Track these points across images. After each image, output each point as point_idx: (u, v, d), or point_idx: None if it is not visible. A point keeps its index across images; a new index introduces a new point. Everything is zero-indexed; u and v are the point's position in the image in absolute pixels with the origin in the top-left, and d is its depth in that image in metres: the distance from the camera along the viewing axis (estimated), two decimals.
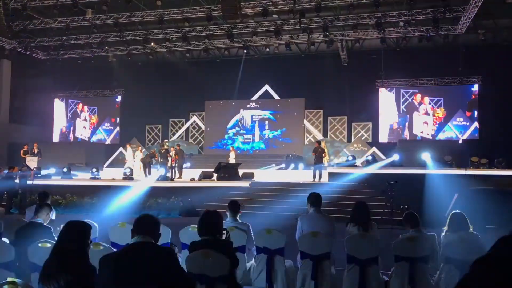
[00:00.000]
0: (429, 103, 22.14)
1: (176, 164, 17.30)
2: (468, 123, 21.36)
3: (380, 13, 17.87)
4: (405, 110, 22.56)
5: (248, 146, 24.61)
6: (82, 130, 26.99)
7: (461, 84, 21.51)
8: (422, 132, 22.16)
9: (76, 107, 27.22)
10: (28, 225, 4.75)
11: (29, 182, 14.12)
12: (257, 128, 24.63)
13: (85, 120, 27.05)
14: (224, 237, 3.94)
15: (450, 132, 21.52)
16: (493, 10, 17.40)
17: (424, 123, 22.16)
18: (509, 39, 19.51)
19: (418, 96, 22.39)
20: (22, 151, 18.30)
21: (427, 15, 17.80)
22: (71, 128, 27.08)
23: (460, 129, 21.46)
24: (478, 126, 20.99)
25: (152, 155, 17.83)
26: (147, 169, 17.63)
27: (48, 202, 5.68)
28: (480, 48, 19.48)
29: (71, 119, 27.22)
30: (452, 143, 19.77)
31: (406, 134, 22.35)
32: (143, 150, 21.09)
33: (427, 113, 22.17)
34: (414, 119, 22.34)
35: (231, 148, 20.48)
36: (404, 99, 22.65)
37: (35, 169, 16.04)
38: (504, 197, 11.31)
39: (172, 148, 17.80)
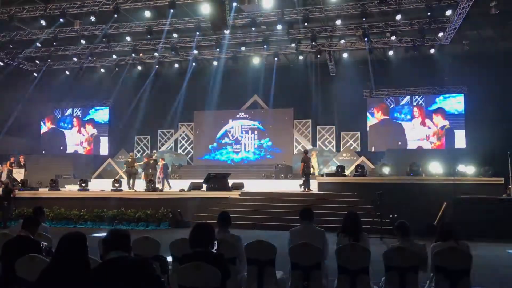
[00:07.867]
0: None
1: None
2: (460, 131, 21.56)
3: (367, 24, 18.12)
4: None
5: (239, 156, 24.59)
6: (69, 142, 26.75)
7: (448, 94, 21.82)
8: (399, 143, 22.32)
9: (64, 118, 27.00)
10: (16, 239, 4.66)
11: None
12: (246, 138, 24.64)
13: (71, 131, 26.82)
14: (215, 249, 3.92)
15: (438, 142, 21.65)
16: (477, 21, 17.72)
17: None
18: (492, 49, 19.86)
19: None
20: (8, 163, 18.00)
21: (413, 26, 18.08)
22: (58, 139, 26.82)
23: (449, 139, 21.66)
24: (465, 135, 21.26)
25: (132, 162, 16.91)
26: (131, 180, 16.69)
27: (41, 218, 5.55)
28: (465, 58, 19.81)
29: (57, 129, 26.96)
30: (439, 152, 19.93)
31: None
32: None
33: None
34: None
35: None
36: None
37: (21, 181, 15.80)
38: (490, 205, 11.44)
39: (162, 160, 17.69)
